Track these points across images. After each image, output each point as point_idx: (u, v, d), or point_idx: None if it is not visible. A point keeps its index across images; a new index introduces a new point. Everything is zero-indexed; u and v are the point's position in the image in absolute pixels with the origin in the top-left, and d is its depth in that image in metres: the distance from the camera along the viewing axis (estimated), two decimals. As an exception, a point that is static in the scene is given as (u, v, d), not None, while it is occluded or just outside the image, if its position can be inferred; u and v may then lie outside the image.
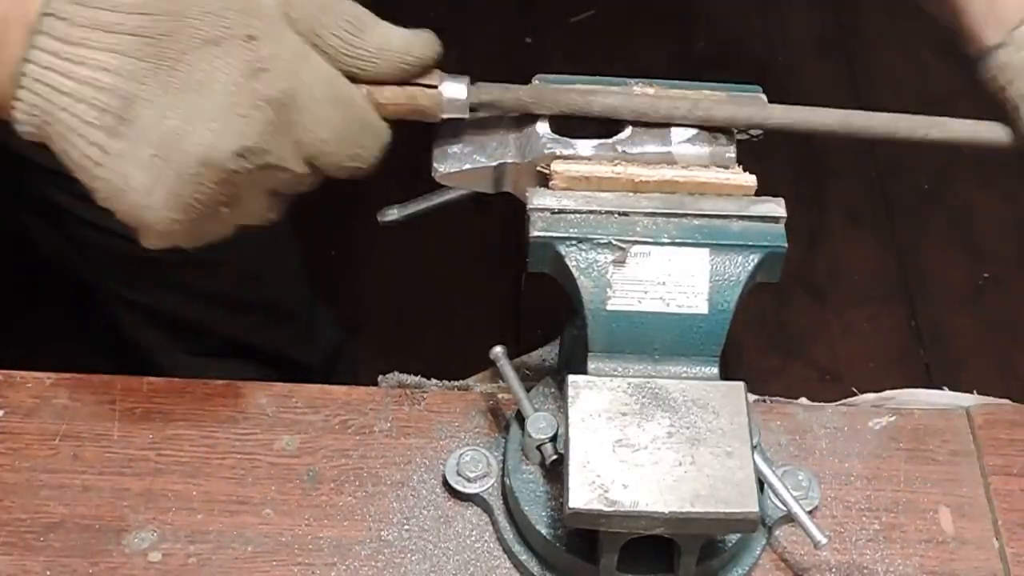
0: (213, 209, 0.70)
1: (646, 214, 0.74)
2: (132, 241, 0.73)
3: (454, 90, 0.75)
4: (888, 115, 0.79)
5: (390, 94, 0.74)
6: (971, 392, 0.90)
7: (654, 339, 0.74)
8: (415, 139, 0.78)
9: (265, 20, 0.70)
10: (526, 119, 0.77)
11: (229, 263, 1.33)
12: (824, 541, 0.73)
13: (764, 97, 0.79)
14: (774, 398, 0.87)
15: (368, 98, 0.73)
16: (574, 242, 0.73)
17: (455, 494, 0.80)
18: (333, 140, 0.71)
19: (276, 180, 0.72)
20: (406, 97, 0.74)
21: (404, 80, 0.74)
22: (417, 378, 0.87)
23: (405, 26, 0.74)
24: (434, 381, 0.87)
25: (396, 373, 0.87)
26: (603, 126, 0.77)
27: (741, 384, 0.73)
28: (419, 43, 0.74)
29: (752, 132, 0.79)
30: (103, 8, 0.68)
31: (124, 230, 0.72)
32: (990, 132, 0.79)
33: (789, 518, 0.77)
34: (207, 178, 0.69)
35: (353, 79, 0.72)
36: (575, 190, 0.75)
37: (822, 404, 0.87)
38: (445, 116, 0.75)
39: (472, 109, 0.76)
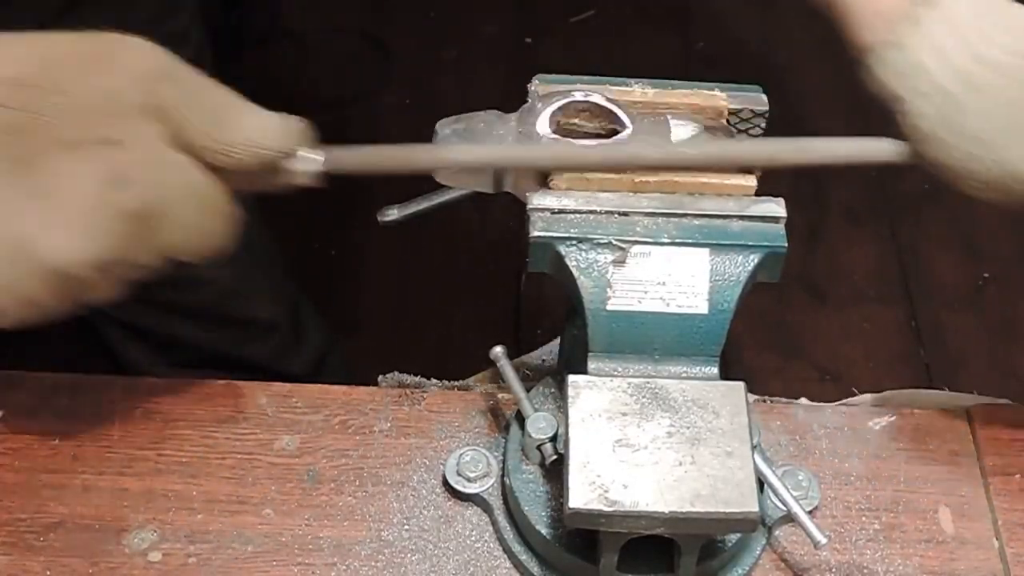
0: (59, 303, 0.67)
1: (646, 214, 0.74)
2: None
3: (306, 164, 0.73)
4: (770, 141, 0.76)
5: (243, 178, 0.71)
6: (971, 392, 0.90)
7: (654, 339, 0.74)
8: (415, 139, 0.78)
9: (127, 120, 0.66)
10: (527, 118, 0.77)
11: (210, 281, 1.32)
12: (824, 541, 0.73)
13: (764, 97, 0.79)
14: (774, 398, 0.87)
15: (221, 183, 0.70)
16: (574, 242, 0.73)
17: (455, 494, 0.80)
18: (193, 239, 0.69)
19: (128, 274, 0.69)
20: (260, 179, 0.72)
21: (264, 168, 0.71)
22: (417, 378, 0.87)
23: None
24: (434, 381, 0.87)
25: (396, 373, 0.87)
26: (603, 126, 0.77)
27: (741, 384, 0.73)
28: (282, 133, 0.71)
29: (752, 133, 0.79)
30: None
31: None
32: (881, 148, 0.75)
33: (789, 518, 0.77)
34: (61, 285, 0.66)
35: (211, 168, 0.69)
36: (575, 190, 0.75)
37: (822, 404, 0.87)
38: (297, 183, 0.74)
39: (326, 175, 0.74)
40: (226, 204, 0.70)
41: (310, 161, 0.72)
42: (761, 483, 0.73)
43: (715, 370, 0.74)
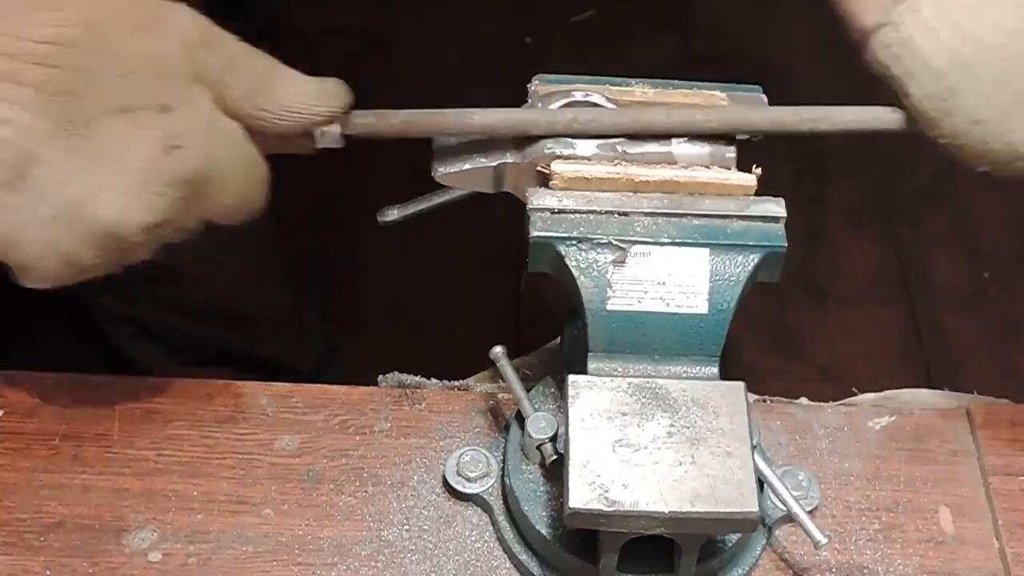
0: (102, 264, 0.69)
1: (646, 214, 0.74)
2: None
3: (329, 131, 0.74)
4: (776, 108, 0.77)
5: (279, 142, 0.73)
6: (971, 392, 0.90)
7: (654, 339, 0.74)
8: (415, 139, 0.78)
9: (178, 86, 0.68)
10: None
11: (214, 277, 1.33)
12: (824, 541, 0.73)
13: (764, 97, 0.79)
14: (774, 398, 0.87)
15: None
16: (574, 242, 0.73)
17: (455, 494, 0.80)
18: (236, 204, 0.71)
19: (171, 238, 0.70)
20: (295, 143, 0.73)
21: (303, 131, 0.73)
22: (417, 378, 0.87)
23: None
24: (434, 381, 0.87)
25: (396, 373, 0.87)
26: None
27: (741, 384, 0.73)
28: (322, 96, 0.73)
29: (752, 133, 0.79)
30: (3, 54, 0.64)
31: None
32: (882, 118, 0.77)
33: (789, 518, 0.77)
34: (109, 246, 0.67)
35: (251, 132, 0.71)
36: (575, 190, 0.75)
37: (822, 404, 0.87)
38: (319, 147, 0.75)
39: (348, 138, 0.75)
40: (265, 168, 0.72)
41: (331, 130, 0.74)
42: (761, 483, 0.73)
43: (715, 370, 0.74)
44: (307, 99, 0.72)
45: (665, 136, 0.76)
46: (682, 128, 0.76)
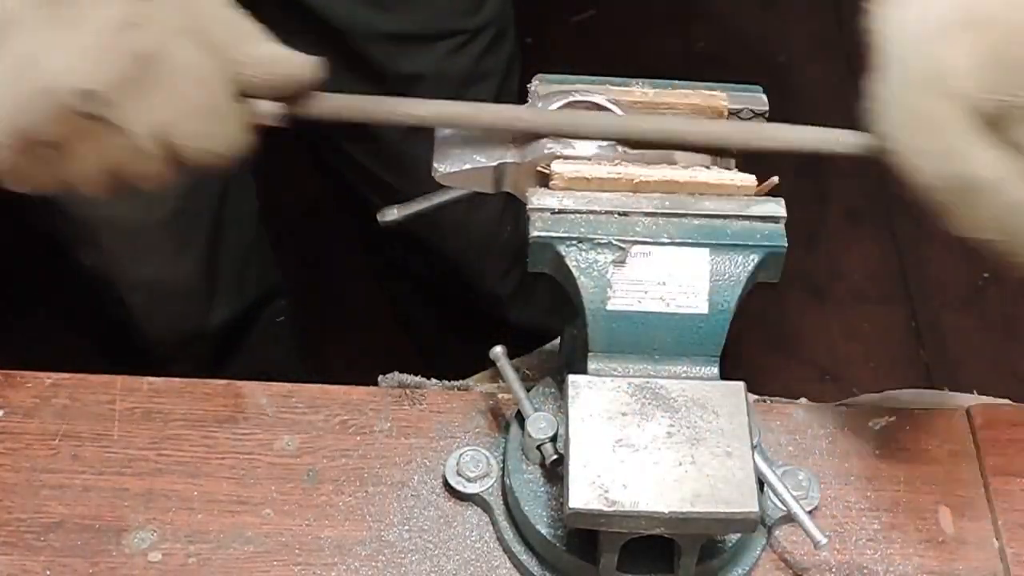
0: (43, 149, 0.69)
1: (646, 214, 0.74)
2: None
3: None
4: (746, 125, 0.75)
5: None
6: (971, 392, 0.90)
7: (654, 339, 0.74)
8: (416, 138, 0.78)
9: None
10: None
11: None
12: (824, 541, 0.73)
13: (764, 97, 0.79)
14: (774, 398, 0.87)
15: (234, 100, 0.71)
16: (574, 242, 0.73)
17: (455, 494, 0.80)
18: (186, 121, 0.69)
19: (114, 144, 0.69)
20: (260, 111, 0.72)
21: (278, 98, 0.72)
22: (417, 378, 0.87)
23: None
24: (434, 381, 0.87)
25: (396, 373, 0.87)
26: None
27: (741, 384, 0.73)
28: (304, 67, 0.72)
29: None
30: None
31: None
32: (843, 141, 0.74)
33: (789, 518, 0.77)
34: (43, 108, 0.67)
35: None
36: (575, 190, 0.75)
37: (822, 404, 0.87)
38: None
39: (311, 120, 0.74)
40: (231, 112, 0.71)
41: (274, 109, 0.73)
42: (761, 483, 0.73)
43: (715, 370, 0.74)
44: (286, 62, 0.72)
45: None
46: (635, 133, 0.75)
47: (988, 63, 0.67)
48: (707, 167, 0.76)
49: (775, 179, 0.76)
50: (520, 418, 0.79)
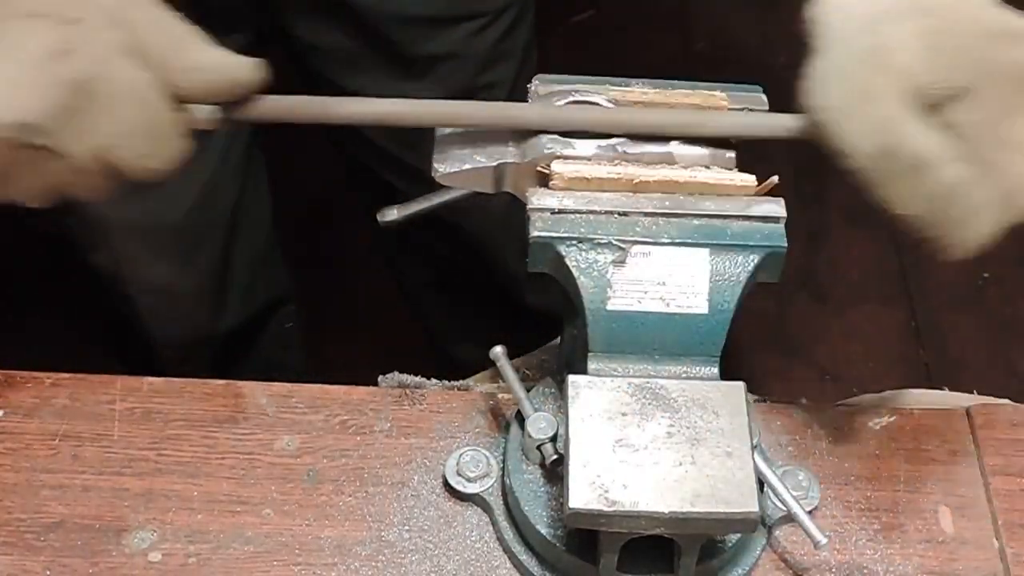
0: None
1: (646, 214, 0.74)
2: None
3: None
4: (690, 113, 0.76)
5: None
6: (971, 392, 0.90)
7: (654, 339, 0.74)
8: (416, 138, 0.78)
9: (95, 11, 0.68)
10: (526, 119, 0.77)
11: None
12: (824, 541, 0.73)
13: (764, 97, 0.79)
14: (774, 398, 0.87)
15: (172, 111, 0.71)
16: (574, 242, 0.73)
17: (455, 494, 0.80)
18: (126, 140, 0.69)
19: (55, 168, 0.69)
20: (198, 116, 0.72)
21: (216, 102, 0.72)
22: (417, 378, 0.87)
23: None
24: (434, 381, 0.87)
25: (396, 373, 0.87)
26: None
27: (741, 384, 0.73)
28: (242, 70, 0.72)
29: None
30: None
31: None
32: (780, 125, 0.75)
33: (789, 518, 0.77)
34: None
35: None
36: (575, 190, 0.75)
37: (822, 404, 0.87)
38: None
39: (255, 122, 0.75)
40: (169, 124, 0.70)
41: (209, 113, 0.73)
42: (761, 483, 0.73)
43: (715, 370, 0.74)
44: (223, 67, 0.71)
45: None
46: (586, 123, 0.75)
47: (929, 46, 0.69)
48: (707, 167, 0.76)
49: (775, 179, 0.75)
50: (520, 418, 0.79)
